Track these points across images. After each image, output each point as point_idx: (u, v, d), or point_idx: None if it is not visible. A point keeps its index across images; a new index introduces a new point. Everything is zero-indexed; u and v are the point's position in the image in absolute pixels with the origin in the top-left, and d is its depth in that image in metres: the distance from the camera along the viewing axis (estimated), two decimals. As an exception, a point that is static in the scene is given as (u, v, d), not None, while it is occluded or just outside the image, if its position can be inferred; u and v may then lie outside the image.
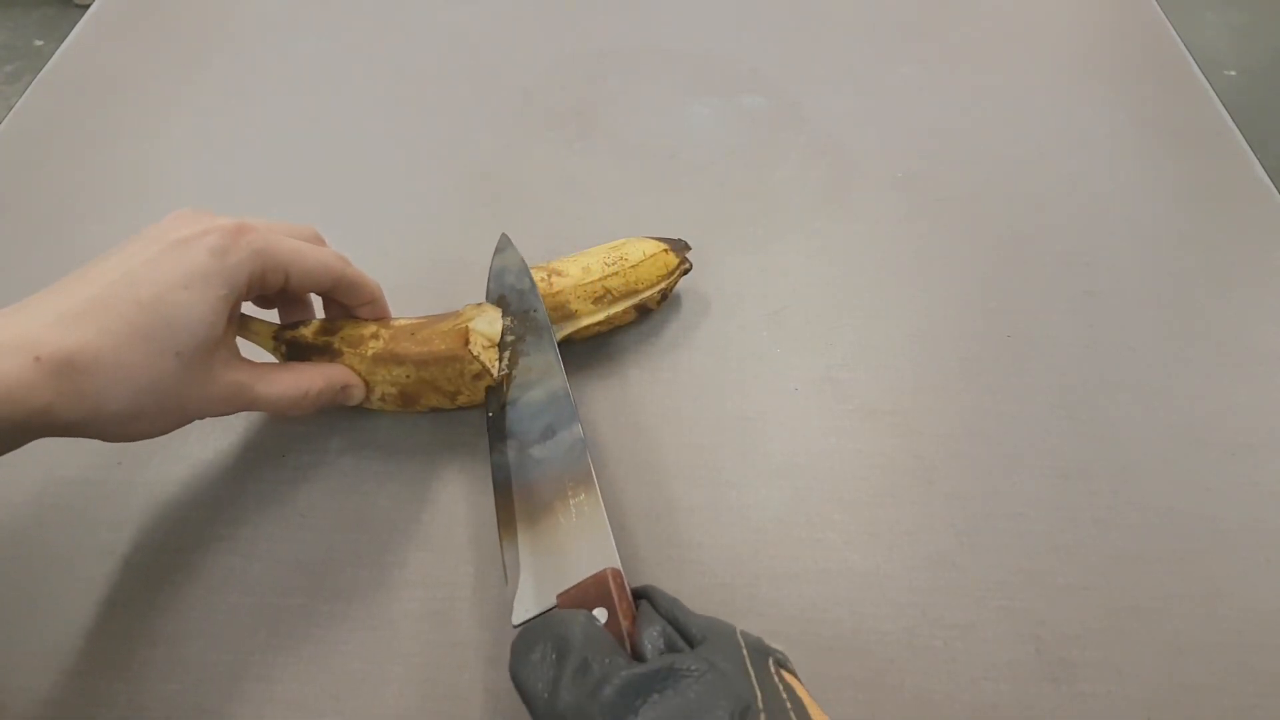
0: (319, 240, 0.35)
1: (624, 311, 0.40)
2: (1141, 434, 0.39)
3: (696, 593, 0.33)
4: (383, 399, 0.37)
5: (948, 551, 0.35)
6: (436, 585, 0.34)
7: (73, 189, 0.48)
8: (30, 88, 0.54)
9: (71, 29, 0.58)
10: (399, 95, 0.54)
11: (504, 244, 0.40)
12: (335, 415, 0.38)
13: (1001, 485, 0.37)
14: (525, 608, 0.29)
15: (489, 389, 0.36)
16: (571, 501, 0.31)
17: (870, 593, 0.34)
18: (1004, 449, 0.38)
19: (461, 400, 0.37)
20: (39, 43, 1.82)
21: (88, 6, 0.61)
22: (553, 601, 0.29)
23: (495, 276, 0.39)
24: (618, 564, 0.29)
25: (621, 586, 0.28)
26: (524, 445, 0.34)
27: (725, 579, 0.34)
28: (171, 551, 0.34)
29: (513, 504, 0.32)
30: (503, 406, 0.35)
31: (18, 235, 0.46)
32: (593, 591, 0.28)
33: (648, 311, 0.41)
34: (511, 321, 0.37)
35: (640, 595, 0.28)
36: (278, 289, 0.33)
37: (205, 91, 0.54)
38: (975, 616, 0.33)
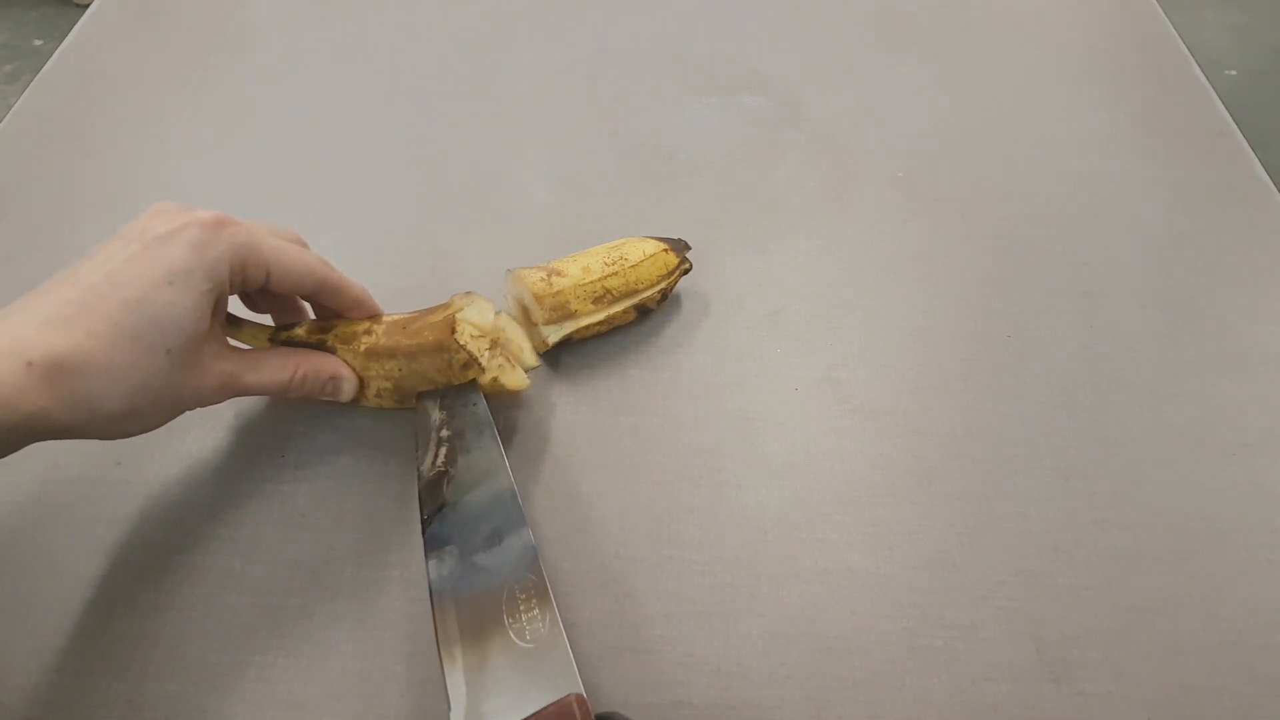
0: (301, 243, 0.35)
1: (624, 311, 0.40)
2: (1141, 434, 0.39)
3: (697, 593, 0.34)
4: (379, 394, 0.36)
5: (948, 551, 0.35)
6: (436, 585, 0.34)
7: (72, 189, 0.48)
8: (29, 88, 0.54)
9: (71, 29, 0.58)
10: (398, 95, 0.54)
11: None
12: (334, 414, 0.38)
13: (1001, 485, 0.37)
14: None
15: (421, 490, 0.33)
16: (524, 616, 0.29)
17: (870, 593, 0.34)
18: (1004, 449, 0.38)
19: None
20: (38, 42, 1.82)
21: (87, 6, 0.61)
22: None
23: None
24: (581, 689, 0.27)
25: (588, 715, 0.26)
26: (466, 553, 0.31)
27: (725, 579, 0.34)
28: (170, 551, 0.34)
29: (454, 620, 0.29)
30: (440, 508, 0.32)
31: (18, 235, 0.46)
32: None
33: (648, 311, 0.41)
34: (446, 416, 0.35)
35: None
36: (259, 285, 0.32)
37: (204, 91, 0.54)
38: (975, 616, 0.33)
